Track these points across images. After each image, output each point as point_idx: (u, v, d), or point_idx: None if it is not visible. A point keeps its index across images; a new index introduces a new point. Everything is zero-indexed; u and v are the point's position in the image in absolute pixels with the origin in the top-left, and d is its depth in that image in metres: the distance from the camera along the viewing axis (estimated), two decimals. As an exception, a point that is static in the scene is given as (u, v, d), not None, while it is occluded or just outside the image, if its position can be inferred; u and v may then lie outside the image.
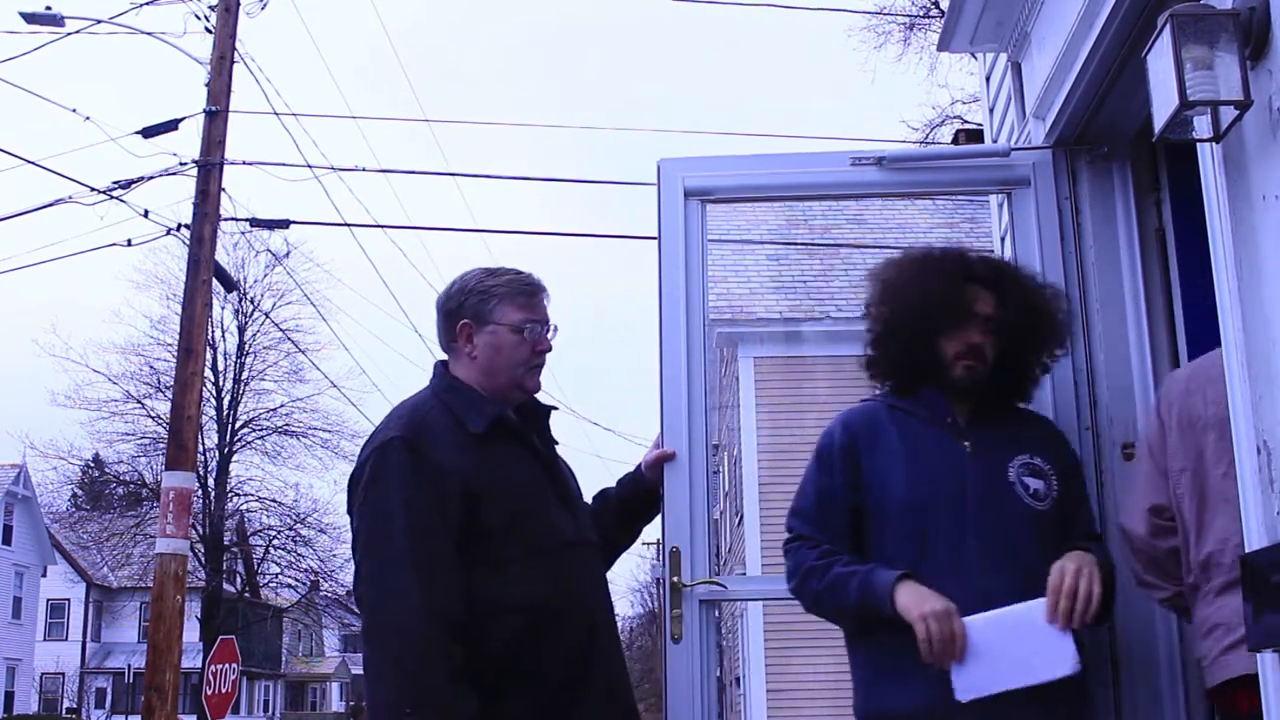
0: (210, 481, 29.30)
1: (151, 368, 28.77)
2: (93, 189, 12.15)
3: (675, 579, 3.10)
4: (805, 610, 2.82)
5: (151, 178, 12.14)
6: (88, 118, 13.42)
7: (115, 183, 12.12)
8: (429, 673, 2.35)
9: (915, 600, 2.52)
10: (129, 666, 38.32)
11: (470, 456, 2.53)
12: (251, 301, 30.44)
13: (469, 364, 2.69)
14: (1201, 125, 2.22)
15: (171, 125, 11.98)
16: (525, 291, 2.73)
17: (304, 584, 31.91)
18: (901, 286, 2.83)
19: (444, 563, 2.43)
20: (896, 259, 2.94)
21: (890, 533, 2.67)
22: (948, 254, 2.88)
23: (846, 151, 3.40)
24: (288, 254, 25.57)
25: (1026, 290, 2.85)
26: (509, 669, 2.46)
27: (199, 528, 27.91)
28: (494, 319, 2.68)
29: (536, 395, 2.79)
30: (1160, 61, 2.16)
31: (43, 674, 42.63)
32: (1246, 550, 2.12)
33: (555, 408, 2.84)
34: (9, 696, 38.75)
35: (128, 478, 30.17)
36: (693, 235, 3.34)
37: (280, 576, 31.93)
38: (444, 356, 2.79)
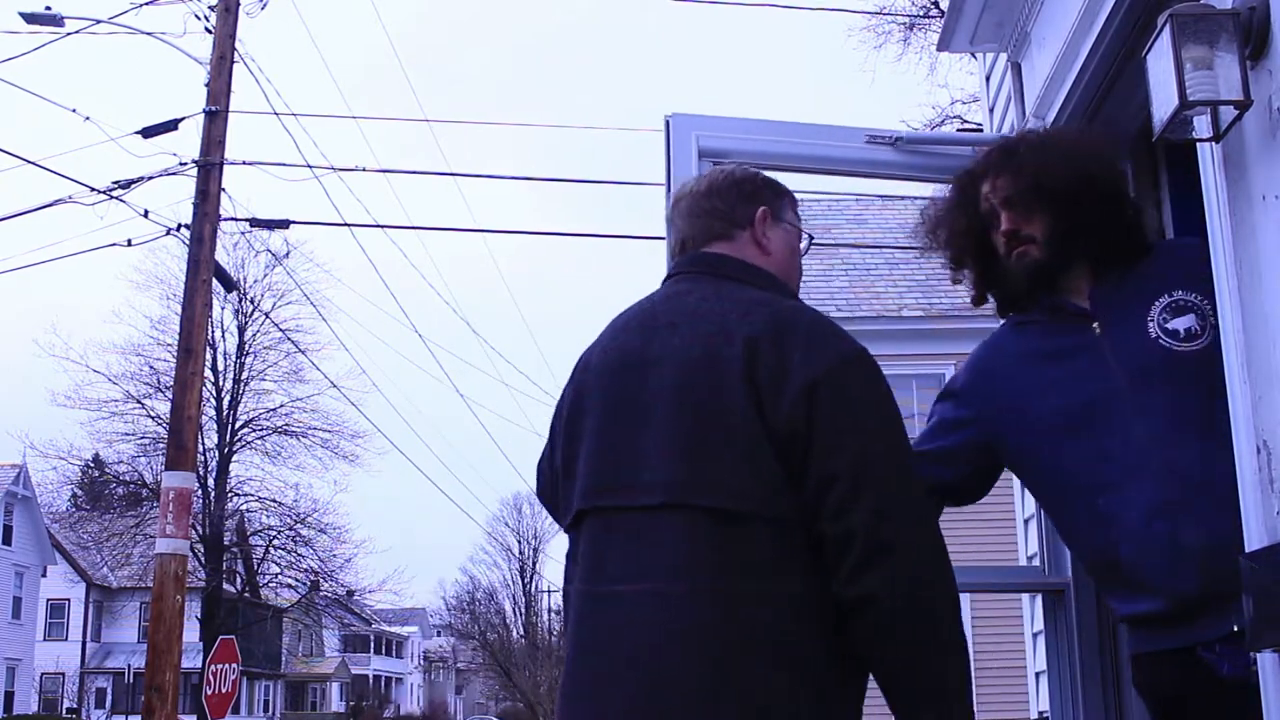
0: (210, 481, 29.35)
1: (151, 368, 28.86)
2: (93, 189, 12.17)
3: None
4: None
5: (151, 178, 12.16)
6: (88, 118, 13.49)
7: (115, 183, 12.15)
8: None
9: None
10: (129, 666, 38.36)
11: None
12: (251, 301, 30.54)
13: (759, 258, 2.23)
14: (1201, 125, 2.22)
15: (171, 125, 12.01)
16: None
17: (304, 584, 31.93)
18: (933, 220, 2.73)
19: None
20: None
21: (1060, 450, 2.44)
22: (965, 170, 2.70)
23: (862, 128, 3.28)
24: (288, 254, 25.68)
25: (1052, 146, 2.59)
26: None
27: (199, 528, 27.95)
28: (786, 218, 2.31)
29: None
30: (1160, 61, 2.16)
31: (43, 674, 42.67)
32: (1246, 550, 2.12)
33: None
34: (9, 696, 38.77)
35: (128, 478, 30.21)
36: None
37: (280, 576, 31.98)
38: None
